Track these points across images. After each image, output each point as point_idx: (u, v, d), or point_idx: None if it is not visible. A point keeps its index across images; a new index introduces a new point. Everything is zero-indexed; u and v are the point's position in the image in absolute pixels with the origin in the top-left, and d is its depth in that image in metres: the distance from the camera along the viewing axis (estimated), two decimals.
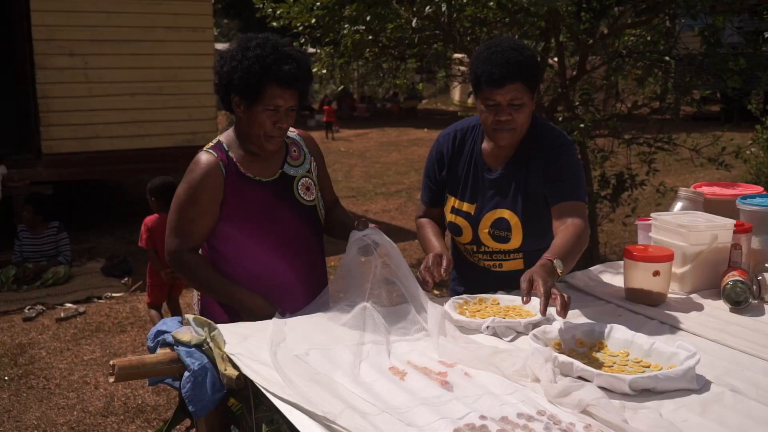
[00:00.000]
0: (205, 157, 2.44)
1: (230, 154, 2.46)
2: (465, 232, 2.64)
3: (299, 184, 2.53)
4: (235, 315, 2.44)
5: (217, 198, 2.41)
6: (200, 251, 2.51)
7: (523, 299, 2.05)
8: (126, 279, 6.76)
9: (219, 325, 2.09)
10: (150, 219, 5.26)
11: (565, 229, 2.37)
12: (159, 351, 2.08)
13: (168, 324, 2.16)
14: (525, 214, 2.55)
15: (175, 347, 2.03)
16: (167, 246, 2.45)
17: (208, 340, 2.00)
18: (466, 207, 2.63)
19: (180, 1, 8.85)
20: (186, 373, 1.94)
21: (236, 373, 1.88)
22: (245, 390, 1.90)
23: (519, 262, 2.61)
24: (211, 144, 2.51)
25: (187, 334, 2.04)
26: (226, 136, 2.52)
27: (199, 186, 2.40)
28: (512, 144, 2.55)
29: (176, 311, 5.41)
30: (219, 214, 2.43)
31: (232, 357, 1.94)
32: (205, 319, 2.09)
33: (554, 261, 2.18)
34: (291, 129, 2.59)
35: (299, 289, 2.49)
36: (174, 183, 5.57)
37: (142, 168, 9.13)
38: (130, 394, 4.46)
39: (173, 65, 8.90)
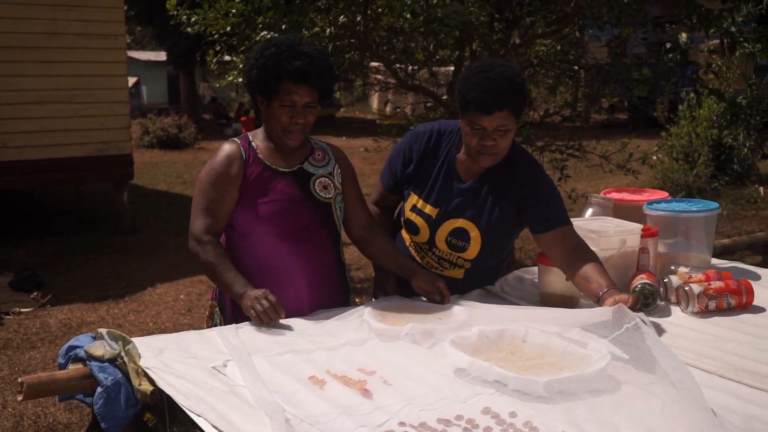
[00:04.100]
0: (228, 143, 2.54)
1: (253, 143, 2.54)
2: (422, 232, 2.64)
3: (317, 181, 2.55)
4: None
5: (236, 180, 2.46)
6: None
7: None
8: (35, 293, 6.53)
9: (134, 339, 2.05)
10: None
11: (586, 255, 2.44)
12: (71, 367, 2.03)
13: (80, 339, 2.11)
14: (488, 229, 2.57)
15: (87, 362, 1.97)
16: (191, 229, 2.46)
17: (123, 354, 1.96)
18: (428, 209, 2.63)
19: (90, 8, 8.61)
20: (99, 389, 1.89)
21: (151, 387, 1.85)
22: (161, 404, 1.86)
23: (460, 272, 2.64)
24: (237, 137, 2.60)
25: (100, 348, 1.99)
26: (252, 132, 2.60)
27: (220, 167, 2.47)
28: (491, 165, 2.56)
29: None
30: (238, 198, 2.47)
31: (147, 371, 1.90)
32: (119, 332, 2.04)
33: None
34: (323, 141, 2.67)
35: (303, 282, 2.51)
36: None
37: (54, 178, 8.85)
38: (41, 412, 4.31)
39: (84, 73, 8.66)
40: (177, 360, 1.96)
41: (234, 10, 5.34)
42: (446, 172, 2.62)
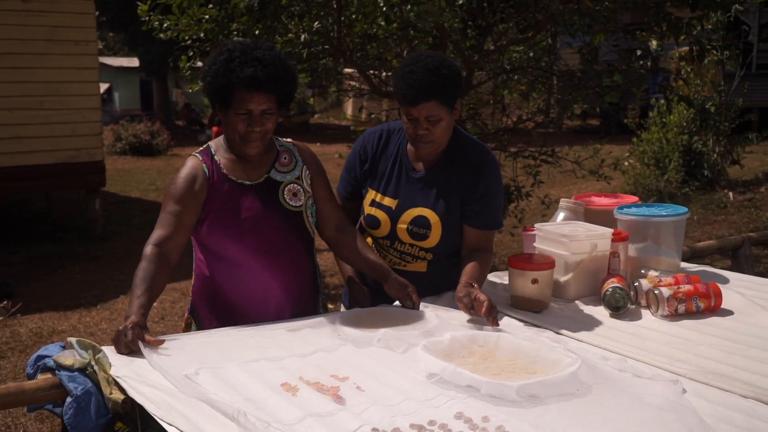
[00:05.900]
0: (190, 159, 2.47)
1: (216, 157, 2.47)
2: (383, 225, 2.66)
3: (286, 189, 2.50)
4: (224, 319, 2.45)
5: (199, 197, 2.41)
6: (194, 258, 2.52)
7: (470, 312, 2.36)
8: (5, 302, 6.44)
9: (105, 347, 2.03)
10: None
11: (478, 259, 2.59)
12: (40, 377, 2.00)
13: (49, 349, 2.08)
14: (445, 215, 2.62)
15: (56, 372, 1.95)
16: None
17: (93, 363, 1.94)
18: (387, 201, 2.67)
19: (60, 14, 8.54)
20: (68, 399, 1.87)
21: (122, 396, 1.83)
22: (132, 413, 1.84)
23: (423, 265, 2.67)
24: (199, 149, 2.53)
25: (70, 357, 1.97)
26: (215, 142, 2.53)
27: (181, 182, 2.40)
28: (433, 154, 2.63)
29: None
30: (201, 215, 2.41)
31: (118, 380, 1.89)
32: (89, 341, 2.02)
33: (474, 284, 2.43)
34: (288, 139, 2.61)
35: (283, 297, 2.49)
36: None
37: (23, 185, 8.76)
38: (11, 423, 4.26)
39: (55, 79, 8.59)
40: (148, 368, 1.95)
41: (207, 16, 5.31)
42: (400, 165, 2.69)
